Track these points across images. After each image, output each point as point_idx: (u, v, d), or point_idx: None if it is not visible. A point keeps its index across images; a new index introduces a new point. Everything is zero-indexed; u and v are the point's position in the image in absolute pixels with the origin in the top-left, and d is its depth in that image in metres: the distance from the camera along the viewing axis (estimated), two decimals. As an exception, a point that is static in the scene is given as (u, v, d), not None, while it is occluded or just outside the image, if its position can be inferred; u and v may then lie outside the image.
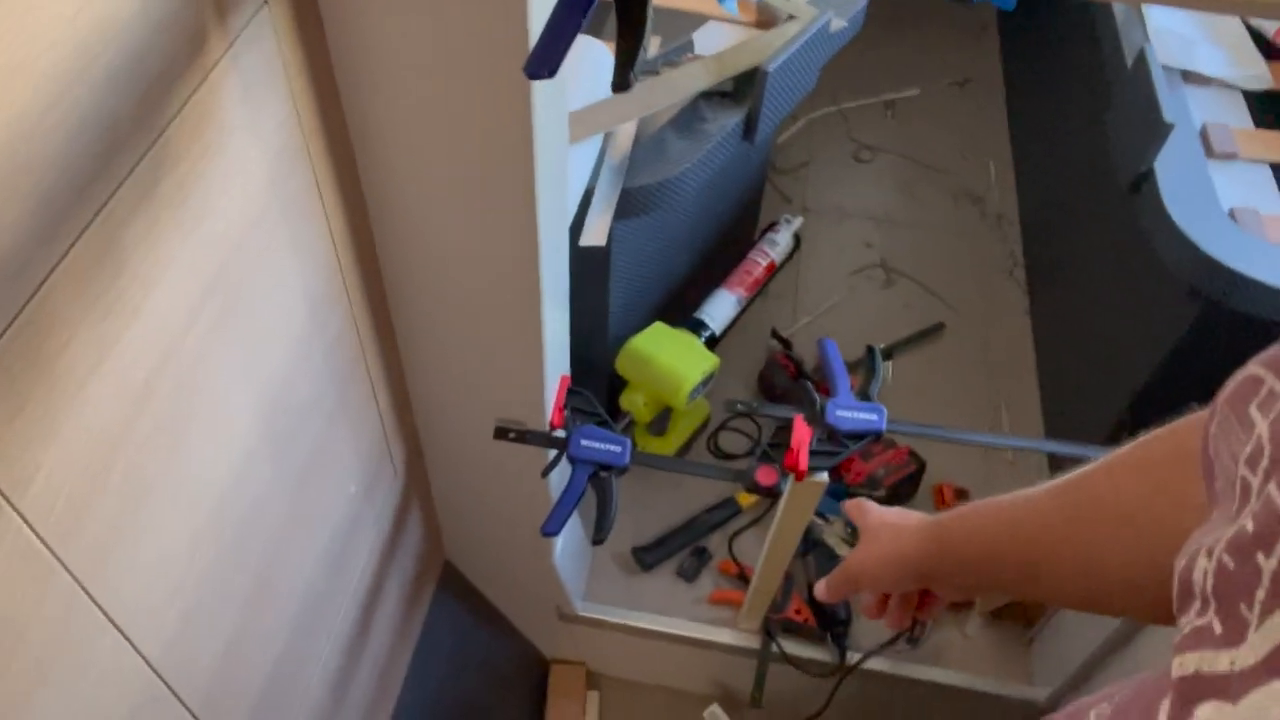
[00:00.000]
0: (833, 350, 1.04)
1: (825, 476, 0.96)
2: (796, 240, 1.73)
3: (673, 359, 1.28)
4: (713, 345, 1.47)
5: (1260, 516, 0.28)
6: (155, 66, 0.48)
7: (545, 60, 0.50)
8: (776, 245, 1.67)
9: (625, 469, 0.92)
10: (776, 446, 0.97)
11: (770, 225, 1.71)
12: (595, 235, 1.02)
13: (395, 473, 1.01)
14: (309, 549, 0.83)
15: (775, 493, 0.97)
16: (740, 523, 1.42)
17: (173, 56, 0.50)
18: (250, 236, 0.61)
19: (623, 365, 1.30)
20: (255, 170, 0.60)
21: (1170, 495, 0.49)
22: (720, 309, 1.53)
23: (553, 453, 0.96)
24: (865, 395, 1.00)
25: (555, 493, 1.01)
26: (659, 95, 1.11)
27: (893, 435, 1.44)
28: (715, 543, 1.40)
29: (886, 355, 1.61)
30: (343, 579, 0.93)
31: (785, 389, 1.51)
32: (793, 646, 1.28)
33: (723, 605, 1.34)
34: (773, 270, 1.67)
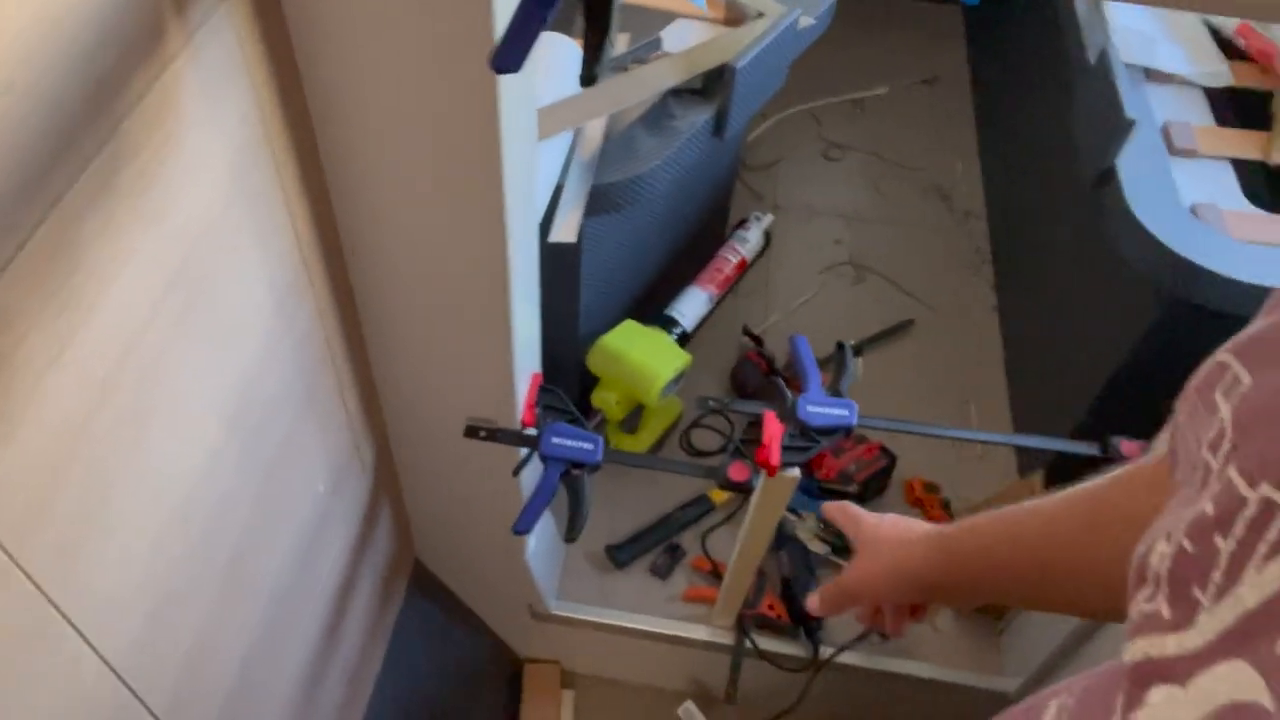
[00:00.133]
0: (803, 346, 1.05)
1: (797, 472, 0.97)
2: (767, 237, 1.73)
3: (644, 356, 1.28)
4: (684, 342, 1.47)
5: (1220, 499, 0.28)
6: (111, 56, 0.47)
7: (511, 54, 0.50)
8: (747, 242, 1.68)
9: (597, 466, 0.92)
10: (748, 443, 0.97)
11: (740, 222, 1.71)
12: (565, 232, 1.02)
13: (364, 471, 1.00)
14: (276, 549, 0.82)
15: (747, 488, 0.98)
16: (713, 520, 1.42)
17: (130, 46, 0.49)
18: (212, 231, 0.60)
19: (594, 363, 1.30)
20: (216, 164, 0.59)
21: None
22: (691, 306, 1.53)
23: (524, 451, 0.95)
24: (836, 391, 1.00)
25: (527, 491, 1.01)
26: (628, 92, 1.11)
27: (864, 431, 1.45)
28: (688, 540, 1.40)
29: (857, 351, 1.62)
30: (312, 579, 0.92)
31: (757, 386, 1.51)
32: (766, 642, 1.29)
33: (696, 602, 1.34)
34: (743, 267, 1.67)
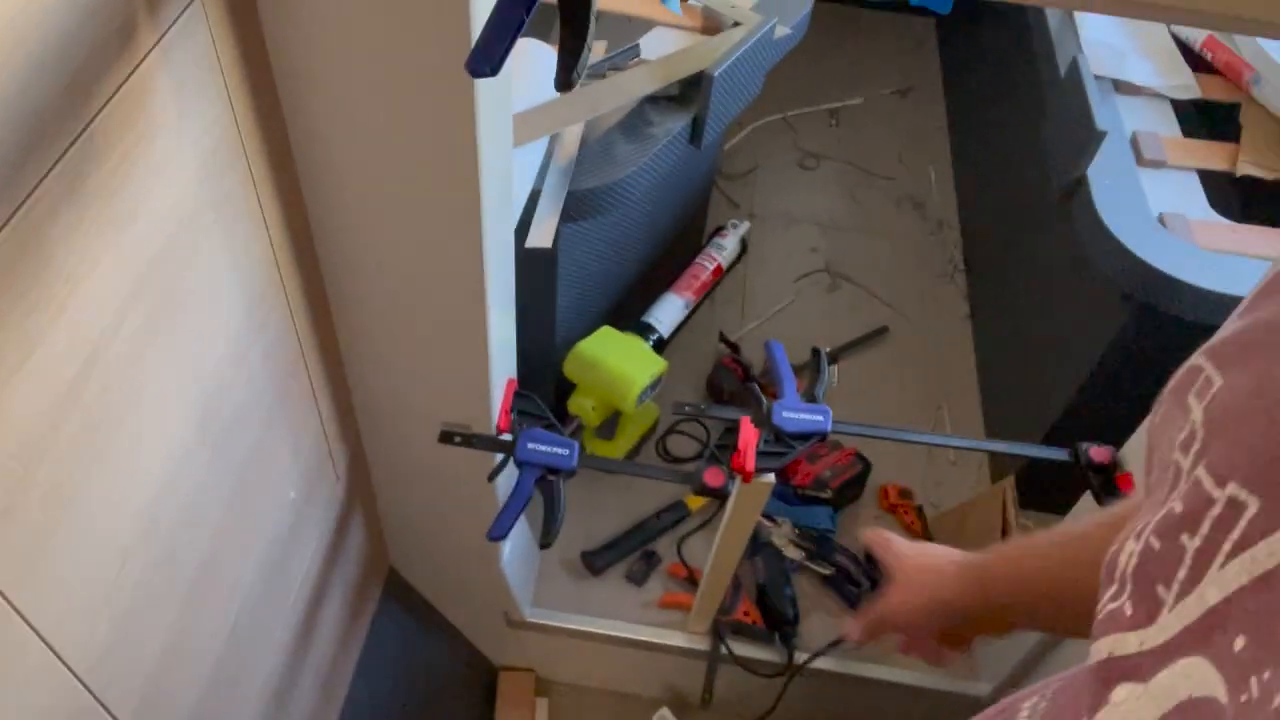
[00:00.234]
0: (779, 352, 1.05)
1: (772, 478, 0.97)
2: (743, 245, 1.74)
3: (621, 362, 1.28)
4: (661, 349, 1.48)
5: (1188, 498, 0.28)
6: (81, 56, 0.47)
7: (488, 57, 0.50)
8: (724, 249, 1.68)
9: (573, 472, 0.92)
10: (724, 448, 0.98)
11: (717, 230, 1.72)
12: (542, 237, 1.02)
13: (337, 477, 0.99)
14: (247, 556, 0.81)
15: (723, 494, 0.98)
16: (689, 526, 1.42)
17: (100, 46, 0.48)
18: (183, 234, 0.59)
19: (570, 369, 1.30)
20: (188, 166, 0.59)
21: None
22: (668, 312, 1.53)
23: (499, 456, 0.95)
24: (811, 397, 1.01)
25: (502, 497, 1.00)
26: (605, 98, 1.11)
27: (839, 437, 1.46)
28: (664, 546, 1.40)
29: (832, 358, 1.63)
30: (283, 587, 0.91)
31: (733, 392, 1.52)
32: (741, 648, 1.29)
33: (672, 608, 1.34)
34: (720, 274, 1.68)
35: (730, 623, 1.29)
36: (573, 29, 0.51)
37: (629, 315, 1.48)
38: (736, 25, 1.20)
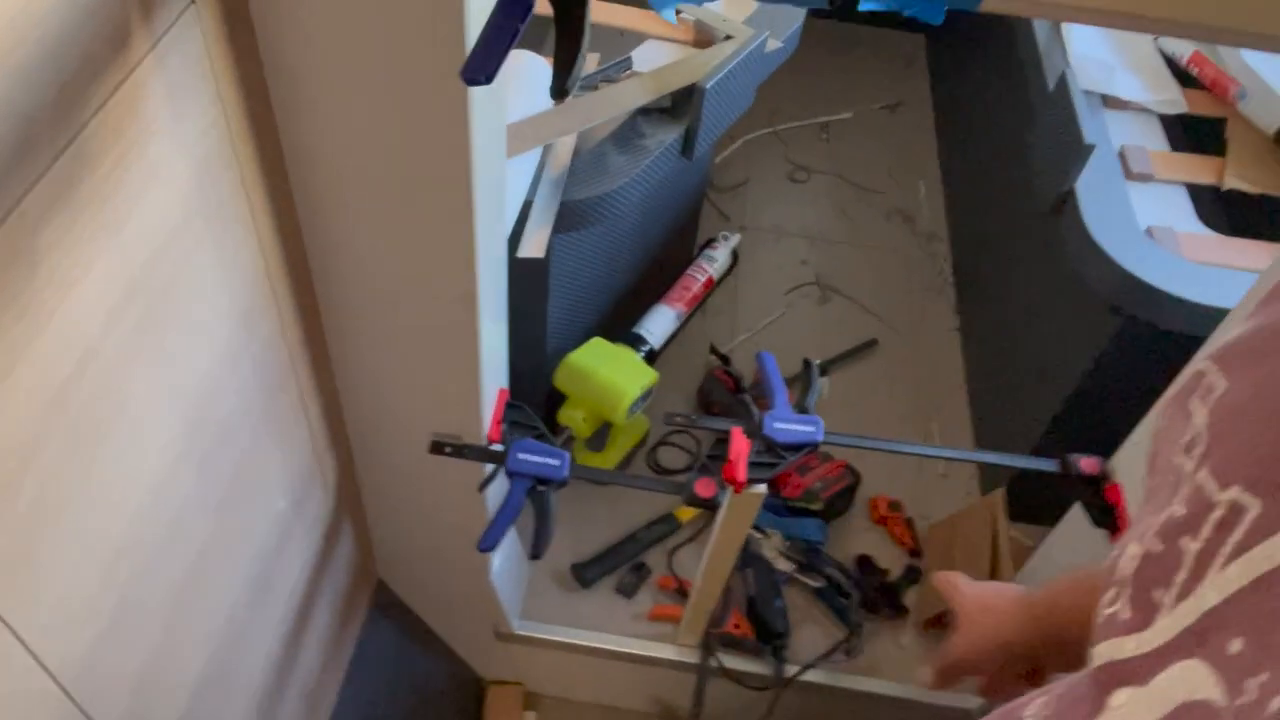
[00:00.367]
0: (770, 363, 1.05)
1: (763, 488, 0.97)
2: (734, 257, 1.74)
3: (612, 374, 1.28)
4: (652, 360, 1.47)
5: (1190, 501, 0.28)
6: (74, 62, 0.47)
7: (482, 65, 0.50)
8: (715, 261, 1.68)
9: (563, 483, 0.92)
10: (715, 459, 0.97)
11: (708, 242, 1.72)
12: (534, 247, 1.02)
13: (326, 488, 0.99)
14: (234, 567, 0.80)
15: (714, 505, 0.97)
16: (679, 538, 1.42)
17: (93, 52, 0.48)
18: (174, 241, 0.59)
19: (561, 380, 1.29)
20: (180, 173, 0.58)
21: None
22: (659, 324, 1.53)
23: (489, 467, 0.94)
24: (802, 408, 1.01)
25: (492, 508, 1.00)
26: (597, 110, 1.11)
27: (829, 449, 1.46)
28: (654, 558, 1.40)
29: (822, 371, 1.63)
30: (270, 598, 0.90)
31: (724, 404, 1.52)
32: (731, 660, 1.28)
33: (662, 621, 1.34)
34: (711, 286, 1.68)
35: (720, 635, 1.29)
36: (567, 38, 0.51)
37: (620, 326, 1.48)
38: (728, 39, 1.20)
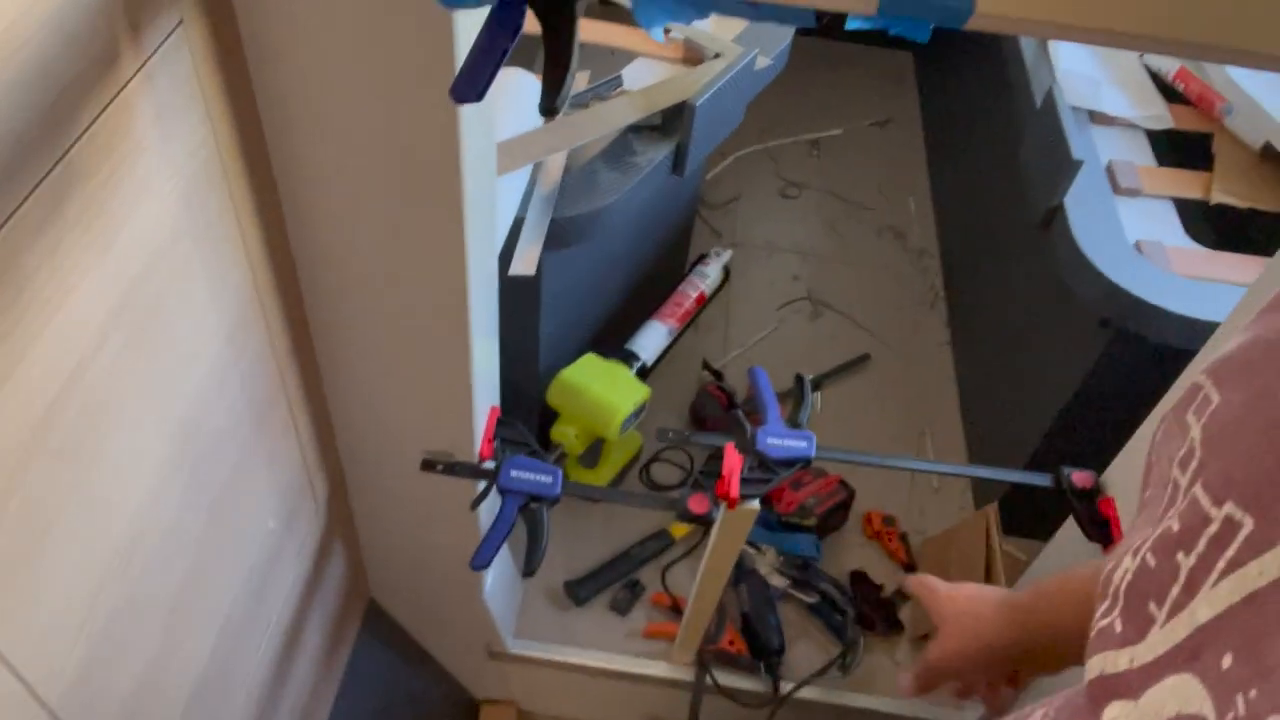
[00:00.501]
0: (763, 378, 1.05)
1: (757, 504, 0.96)
2: (726, 273, 1.75)
3: (604, 390, 1.28)
4: (644, 376, 1.47)
5: (1185, 516, 0.28)
6: (62, 83, 0.47)
7: (472, 84, 0.50)
8: (706, 277, 1.69)
9: (556, 500, 0.91)
10: (708, 475, 0.97)
11: (700, 258, 1.73)
12: (525, 264, 1.02)
13: (317, 507, 0.98)
14: (223, 588, 0.80)
15: (707, 521, 0.97)
16: (673, 554, 1.41)
17: (81, 73, 0.48)
18: (162, 259, 0.59)
19: (554, 397, 1.29)
20: (168, 192, 0.58)
21: None
22: (651, 340, 1.53)
23: (482, 484, 0.94)
24: (795, 423, 1.01)
25: (484, 526, 0.99)
26: (588, 127, 1.12)
27: (823, 465, 1.46)
28: (648, 575, 1.39)
29: (815, 386, 1.63)
30: (261, 617, 0.89)
31: (717, 420, 1.51)
32: (726, 678, 1.28)
33: (657, 638, 1.33)
34: (703, 301, 1.68)
35: (715, 652, 1.28)
36: (556, 57, 0.51)
37: (612, 343, 1.48)
38: (718, 56, 1.21)
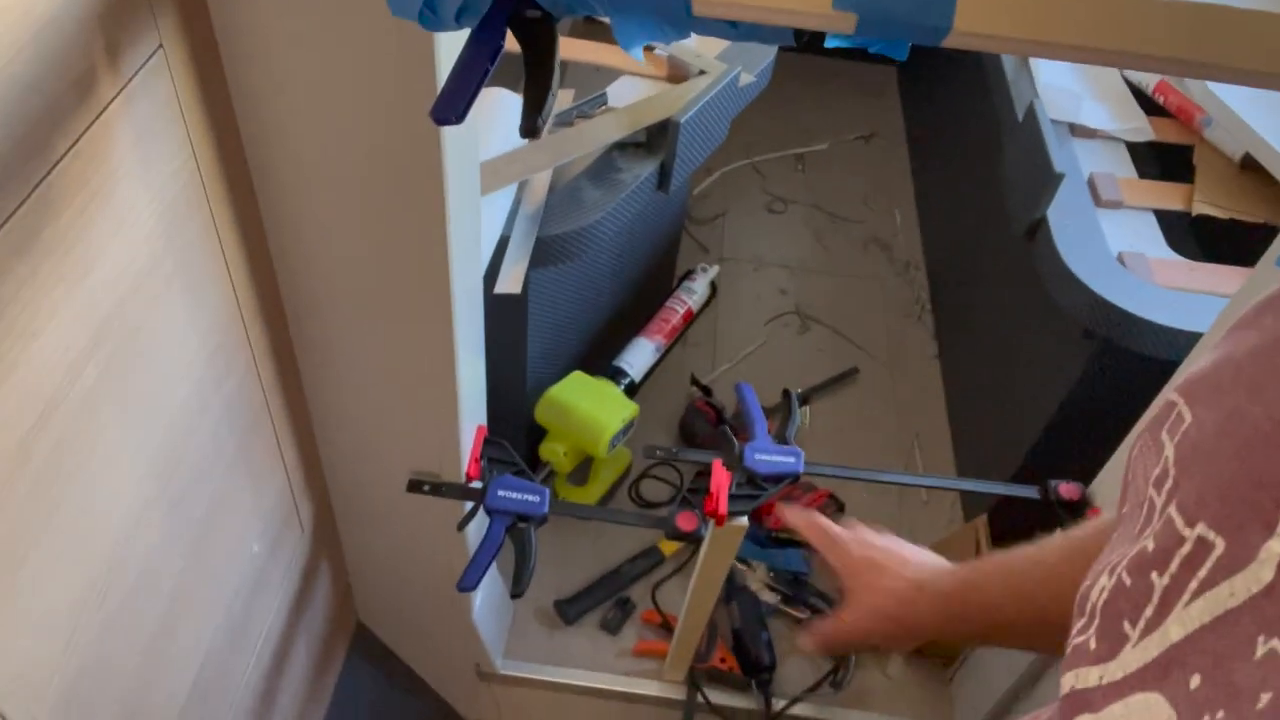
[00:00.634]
0: (749, 394, 1.05)
1: (745, 521, 0.96)
2: (713, 288, 1.75)
3: (592, 407, 1.27)
4: (632, 393, 1.47)
5: (1160, 536, 0.28)
6: (39, 108, 0.46)
7: (452, 105, 0.50)
8: (694, 293, 1.69)
9: (544, 519, 0.91)
10: (696, 492, 0.97)
11: (687, 274, 1.73)
12: (510, 283, 1.01)
13: (303, 530, 0.97)
14: (207, 614, 0.79)
15: (696, 538, 0.97)
16: (663, 572, 1.41)
17: (58, 99, 0.48)
18: (142, 284, 0.58)
19: (542, 415, 1.29)
20: (148, 217, 0.58)
21: None
22: (639, 357, 1.53)
23: (469, 505, 0.93)
24: (783, 439, 1.01)
25: (472, 547, 0.98)
26: (573, 145, 1.12)
27: (812, 479, 1.46)
28: (639, 593, 1.39)
29: (803, 400, 1.63)
30: (246, 645, 0.88)
31: (706, 435, 1.51)
32: (718, 695, 1.27)
33: (647, 656, 1.32)
34: (690, 317, 1.68)
35: (706, 670, 1.28)
36: (537, 77, 0.51)
37: (600, 360, 1.48)
38: (702, 74, 1.21)
